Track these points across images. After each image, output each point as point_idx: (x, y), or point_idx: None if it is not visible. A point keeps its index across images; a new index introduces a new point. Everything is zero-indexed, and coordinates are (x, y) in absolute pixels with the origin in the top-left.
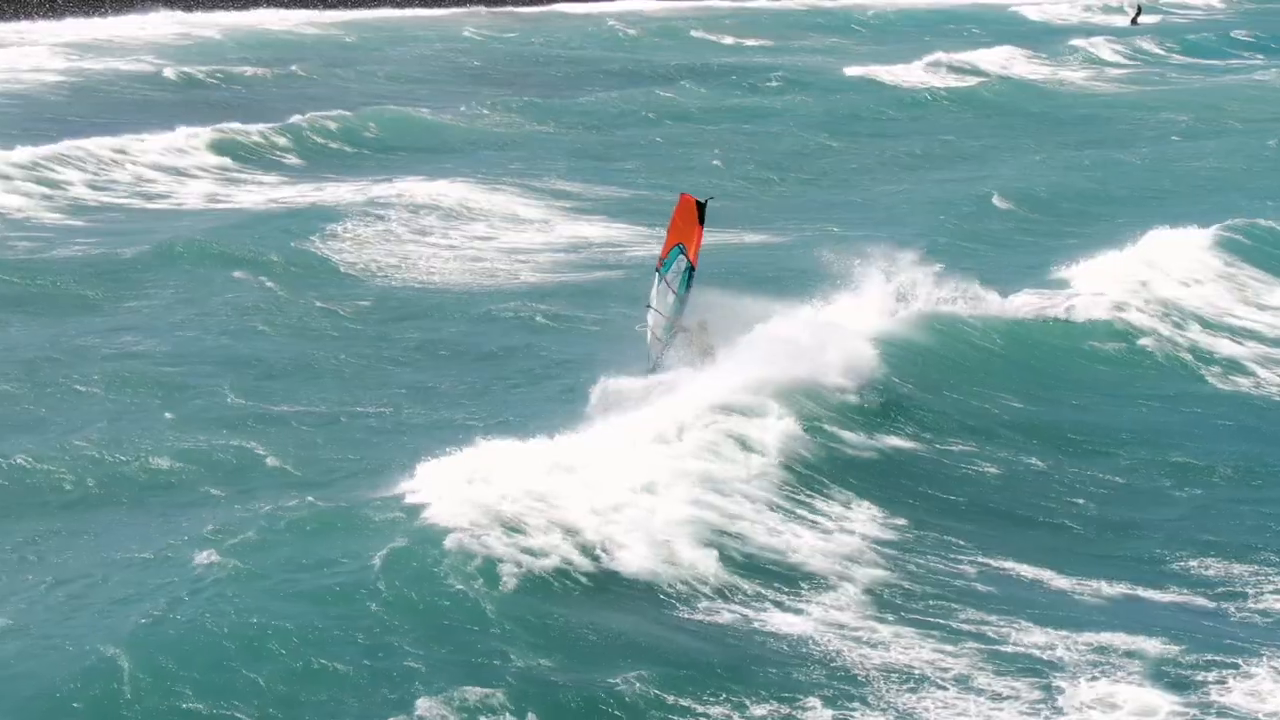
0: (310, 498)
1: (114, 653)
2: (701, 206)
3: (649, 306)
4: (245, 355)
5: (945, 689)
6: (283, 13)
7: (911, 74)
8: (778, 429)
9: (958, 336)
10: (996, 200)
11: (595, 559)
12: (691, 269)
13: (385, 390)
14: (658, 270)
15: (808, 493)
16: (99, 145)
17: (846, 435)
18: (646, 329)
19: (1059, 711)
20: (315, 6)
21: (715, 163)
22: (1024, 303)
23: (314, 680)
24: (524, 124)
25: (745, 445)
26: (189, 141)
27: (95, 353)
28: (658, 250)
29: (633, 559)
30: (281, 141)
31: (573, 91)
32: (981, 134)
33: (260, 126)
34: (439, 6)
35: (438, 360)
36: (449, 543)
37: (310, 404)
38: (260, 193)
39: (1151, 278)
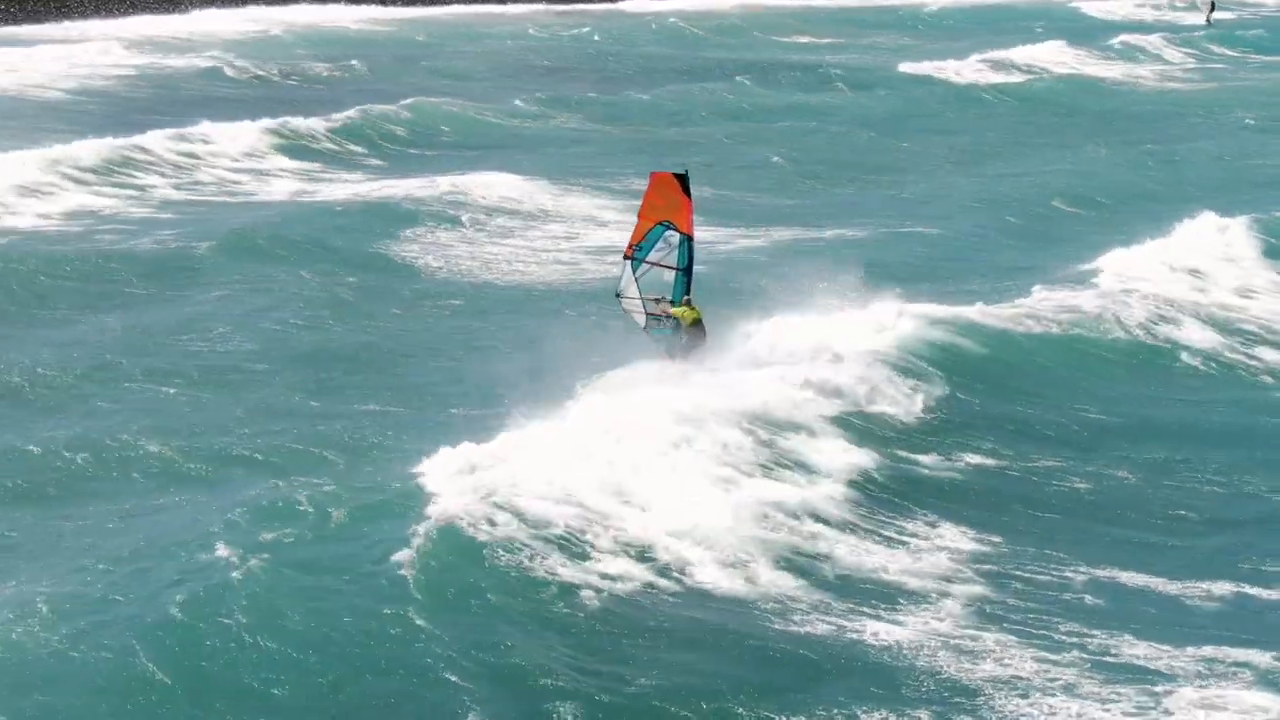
0: (363, 493)
1: (160, 635)
2: (682, 178)
3: (619, 296)
4: (316, 348)
5: (1053, 696)
6: (356, 10)
7: (973, 71)
8: (833, 447)
9: (1012, 346)
10: (1057, 201)
11: (674, 579)
12: (688, 239)
13: (457, 387)
14: (628, 258)
15: (886, 513)
16: (173, 140)
17: (917, 456)
18: (641, 318)
19: (1167, 713)
20: (390, 3)
21: (776, 160)
22: (1083, 308)
23: (365, 686)
24: (594, 122)
25: (804, 465)
26: (261, 137)
27: (169, 344)
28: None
29: (710, 578)
30: (353, 137)
31: (638, 89)
32: (1044, 131)
33: (331, 122)
34: (510, 3)
35: (515, 358)
36: (509, 558)
37: (380, 400)
38: (332, 188)
39: (1211, 283)
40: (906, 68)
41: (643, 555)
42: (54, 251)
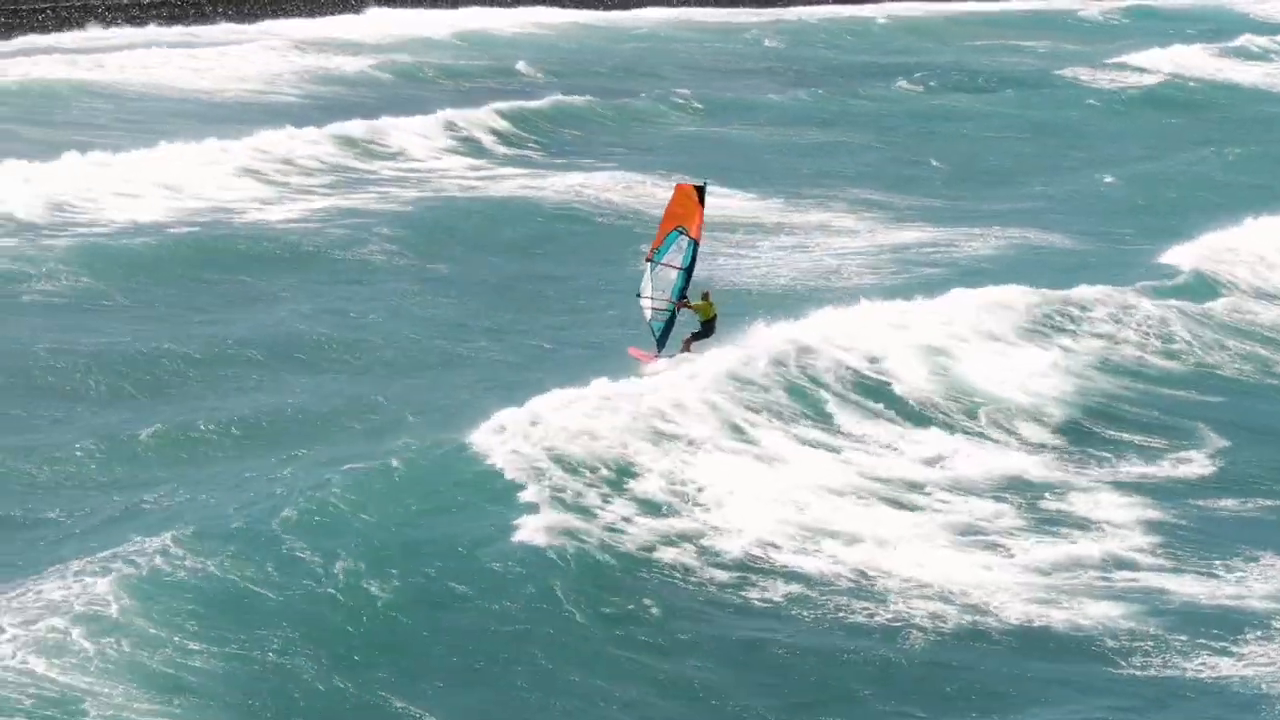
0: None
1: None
2: (700, 190)
3: (639, 296)
4: (513, 341)
5: None
6: (549, 12)
7: (1136, 76)
8: (1109, 501)
9: (1231, 381)
10: (1238, 211)
11: (996, 618)
12: (695, 243)
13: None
14: (649, 261)
15: (1205, 552)
16: (376, 138)
17: (1208, 501)
18: (649, 313)
19: None
20: (591, 6)
21: (937, 163)
22: None
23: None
24: (780, 125)
25: (1087, 521)
26: (464, 136)
27: (356, 333)
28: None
29: (1036, 619)
30: (547, 138)
31: (809, 92)
32: (1210, 137)
33: (529, 123)
34: (696, 6)
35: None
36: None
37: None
38: (532, 184)
39: None
40: (1070, 72)
41: (943, 598)
42: (268, 241)
